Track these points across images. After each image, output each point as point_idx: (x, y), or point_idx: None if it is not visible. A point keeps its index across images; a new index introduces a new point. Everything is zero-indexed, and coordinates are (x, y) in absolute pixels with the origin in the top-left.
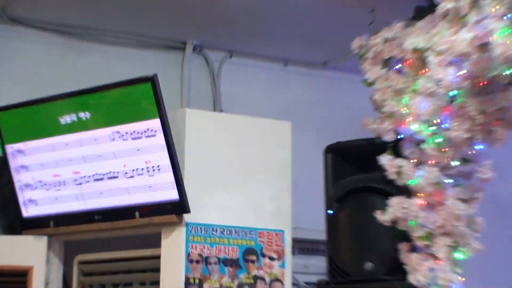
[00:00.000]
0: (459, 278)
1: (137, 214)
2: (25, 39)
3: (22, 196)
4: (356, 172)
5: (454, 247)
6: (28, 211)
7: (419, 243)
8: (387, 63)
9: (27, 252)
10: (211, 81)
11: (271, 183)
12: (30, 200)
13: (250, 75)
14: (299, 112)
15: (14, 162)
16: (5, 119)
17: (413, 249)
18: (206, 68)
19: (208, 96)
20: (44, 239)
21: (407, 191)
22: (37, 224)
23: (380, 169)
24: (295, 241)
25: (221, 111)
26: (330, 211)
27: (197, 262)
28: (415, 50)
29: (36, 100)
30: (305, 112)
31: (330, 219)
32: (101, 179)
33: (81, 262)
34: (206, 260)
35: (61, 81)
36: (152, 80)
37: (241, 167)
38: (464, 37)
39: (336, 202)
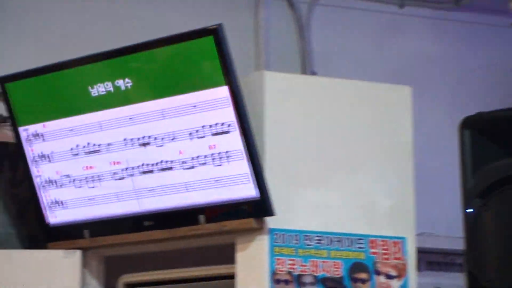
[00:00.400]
0: None
1: (201, 218)
2: None
3: (45, 197)
4: (506, 155)
5: None
6: (54, 217)
7: None
8: None
9: (54, 271)
10: (298, 33)
11: (386, 172)
12: (56, 202)
13: (351, 22)
14: (421, 72)
15: (30, 151)
16: (17, 92)
17: None
18: (290, 13)
19: (293, 53)
20: (78, 254)
21: None
22: (67, 234)
23: None
24: (421, 252)
25: (313, 73)
26: (469, 210)
27: (286, 282)
28: None
29: (57, 65)
30: (428, 72)
31: (470, 222)
32: (150, 171)
33: (128, 285)
34: (298, 280)
35: (90, 37)
36: (215, 33)
37: (344, 151)
38: None
39: (478, 198)
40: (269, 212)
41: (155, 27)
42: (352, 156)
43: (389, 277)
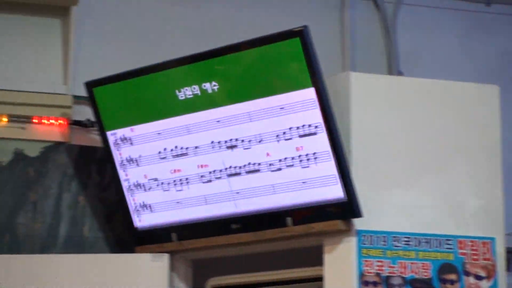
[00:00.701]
0: None
1: (288, 220)
2: None
3: (133, 200)
4: None
5: None
6: (141, 220)
7: None
8: None
9: (142, 275)
10: (384, 32)
11: (473, 171)
12: (144, 205)
13: (437, 21)
14: (508, 71)
15: (119, 155)
16: (104, 97)
17: None
18: (376, 13)
19: (379, 54)
20: (165, 257)
21: None
22: (154, 238)
23: None
24: (511, 252)
25: (400, 73)
26: None
27: (374, 284)
28: None
29: (144, 69)
30: None
31: None
32: (238, 174)
33: None
34: (387, 282)
35: (175, 40)
36: (301, 34)
37: (431, 151)
38: None
39: None
40: (356, 213)
41: (241, 29)
42: (440, 156)
43: (478, 278)
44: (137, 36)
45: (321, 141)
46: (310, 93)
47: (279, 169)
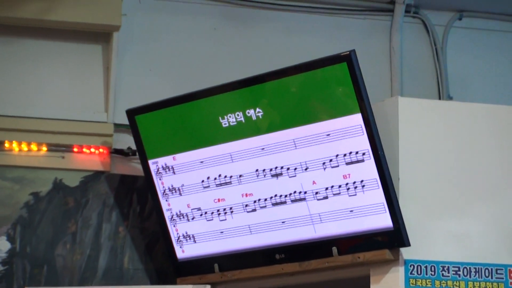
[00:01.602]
0: None
1: (334, 250)
2: (171, 12)
3: (175, 231)
4: None
5: None
6: (184, 251)
7: None
8: None
9: None
10: (433, 55)
11: None
12: (186, 236)
13: (489, 44)
14: None
15: (161, 184)
16: (146, 124)
17: None
18: (426, 36)
19: (429, 77)
20: None
21: None
22: (197, 269)
23: None
24: None
25: (450, 98)
26: None
27: None
28: None
29: (186, 96)
30: None
31: None
32: (283, 202)
33: None
34: None
35: (218, 66)
36: (348, 59)
37: (481, 177)
38: None
39: None
40: (404, 242)
41: (287, 54)
42: (491, 183)
43: None
44: (180, 62)
45: (369, 168)
46: (357, 119)
47: (326, 198)
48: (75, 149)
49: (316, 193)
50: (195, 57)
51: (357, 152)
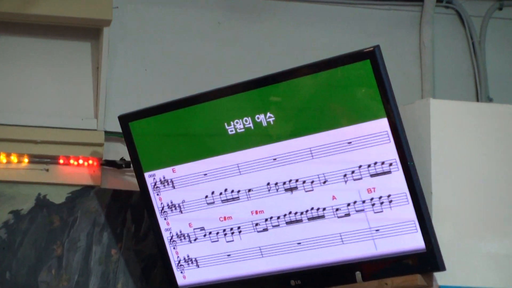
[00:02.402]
0: None
1: (358, 275)
2: (170, 4)
3: (175, 253)
4: None
5: None
6: (185, 277)
7: None
8: None
9: None
10: (470, 51)
11: None
12: (188, 259)
13: None
14: None
15: (158, 200)
16: (141, 132)
17: None
18: (461, 29)
19: (465, 76)
20: None
21: None
22: None
23: None
24: None
25: (490, 100)
26: None
27: None
28: None
29: (187, 100)
30: None
31: None
32: (298, 221)
33: None
34: None
35: (222, 65)
36: (372, 56)
37: None
38: None
39: None
40: (438, 266)
41: (301, 51)
42: None
43: None
44: (179, 60)
45: (397, 181)
46: (382, 124)
47: (347, 215)
48: (61, 161)
49: (337, 209)
50: (197, 55)
51: (383, 163)
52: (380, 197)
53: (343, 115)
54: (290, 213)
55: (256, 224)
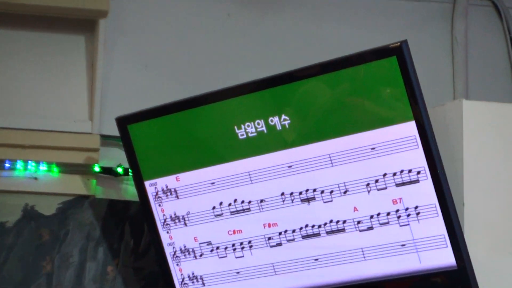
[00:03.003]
0: None
1: None
2: None
3: (179, 271)
4: None
5: None
6: None
7: None
8: None
9: None
10: (507, 47)
11: None
12: (193, 277)
13: None
14: None
15: (160, 211)
16: (142, 136)
17: None
18: (498, 23)
19: (502, 75)
20: None
21: None
22: None
23: None
24: None
25: None
26: None
27: None
28: None
29: (192, 100)
30: None
31: None
32: (316, 235)
33: None
34: None
35: (232, 62)
36: (399, 52)
37: None
38: None
39: None
40: (470, 286)
41: (319, 47)
42: None
43: None
44: (184, 56)
45: (425, 191)
46: (410, 128)
47: (370, 228)
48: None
49: (358, 222)
50: (204, 50)
51: (410, 171)
52: (407, 209)
53: (366, 118)
54: (306, 226)
55: (269, 238)
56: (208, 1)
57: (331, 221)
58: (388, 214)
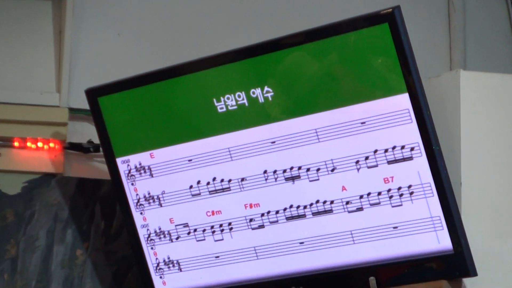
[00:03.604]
0: None
1: (372, 281)
2: None
3: (153, 255)
4: None
5: None
6: (165, 283)
7: None
8: None
9: None
10: (508, 13)
11: None
12: (169, 262)
13: None
14: None
15: (133, 190)
16: (113, 109)
17: None
18: None
19: (502, 43)
20: None
21: None
22: None
23: None
24: None
25: None
26: None
27: None
28: None
29: (168, 71)
30: None
31: None
32: (301, 216)
33: None
34: None
35: (210, 30)
36: (391, 18)
37: None
38: None
39: None
40: (468, 271)
41: (306, 13)
42: None
43: None
44: (159, 23)
45: (419, 169)
46: (403, 101)
47: (360, 209)
48: (16, 143)
49: (347, 203)
50: (181, 16)
51: (403, 147)
52: (399, 188)
53: (356, 89)
54: (291, 207)
55: (251, 220)
56: None
57: (317, 202)
58: (379, 194)
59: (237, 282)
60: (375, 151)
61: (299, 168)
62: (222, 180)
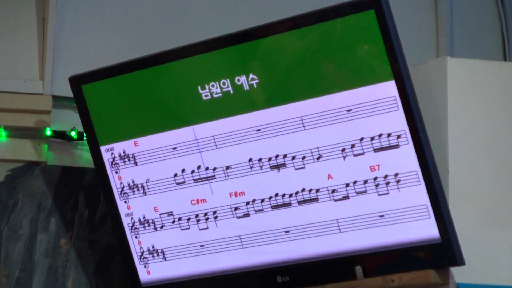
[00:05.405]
0: None
1: (359, 270)
2: None
3: (137, 244)
4: None
5: None
6: (149, 272)
7: None
8: None
9: None
10: (496, 2)
11: None
12: (153, 251)
13: None
14: None
15: (117, 179)
16: (97, 97)
17: None
18: None
19: (490, 30)
20: None
21: None
22: None
23: None
24: None
25: None
26: None
27: None
28: None
29: (152, 58)
30: None
31: None
32: (286, 204)
33: None
34: None
35: (194, 17)
36: (377, 5)
37: None
38: None
39: None
40: (455, 260)
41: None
42: None
43: None
44: (143, 10)
45: (406, 156)
46: (389, 88)
47: (346, 198)
48: None
49: (333, 191)
50: (164, 2)
51: (389, 135)
52: (386, 176)
53: (342, 77)
54: (276, 195)
55: (236, 209)
56: None
57: (303, 190)
58: (365, 182)
59: (222, 271)
60: (361, 139)
61: (285, 156)
62: (207, 168)
